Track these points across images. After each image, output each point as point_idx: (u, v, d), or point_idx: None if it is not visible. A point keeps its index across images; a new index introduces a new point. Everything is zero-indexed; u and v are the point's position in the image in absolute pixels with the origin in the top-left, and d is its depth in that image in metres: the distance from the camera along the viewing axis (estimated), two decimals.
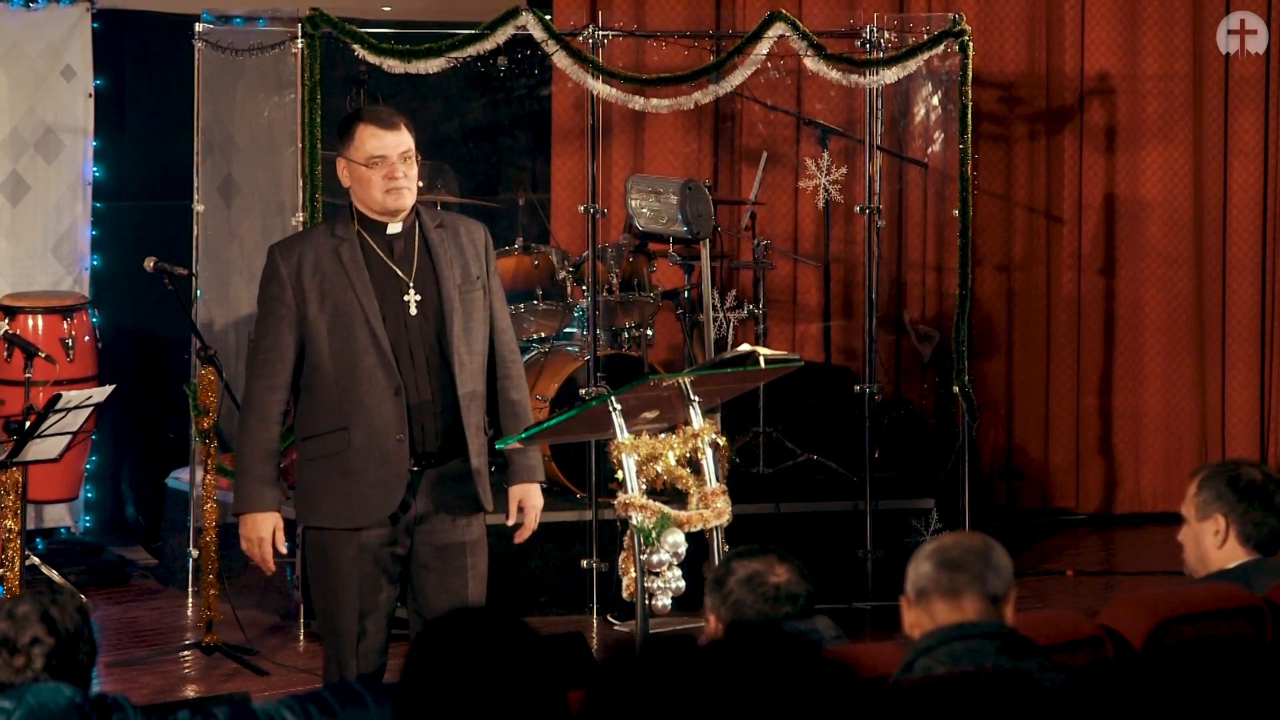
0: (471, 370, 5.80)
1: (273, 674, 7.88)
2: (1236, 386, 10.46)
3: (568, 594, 8.64)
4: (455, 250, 5.84)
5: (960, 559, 3.96)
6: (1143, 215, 10.48)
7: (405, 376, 5.73)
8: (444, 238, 5.85)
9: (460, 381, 5.76)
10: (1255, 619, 4.63)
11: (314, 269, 5.76)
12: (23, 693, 3.80)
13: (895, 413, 9.98)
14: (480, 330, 5.84)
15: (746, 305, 9.48)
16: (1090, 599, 8.87)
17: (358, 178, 5.79)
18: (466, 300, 5.81)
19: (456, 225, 5.91)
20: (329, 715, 3.84)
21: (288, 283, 5.76)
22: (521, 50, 8.92)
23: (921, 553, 4.01)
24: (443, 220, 5.91)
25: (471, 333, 5.82)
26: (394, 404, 5.71)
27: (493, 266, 5.93)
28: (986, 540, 4.02)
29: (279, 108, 8.89)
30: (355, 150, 5.78)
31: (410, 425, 5.73)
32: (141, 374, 9.98)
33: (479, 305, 5.84)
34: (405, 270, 5.80)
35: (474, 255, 5.87)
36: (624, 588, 5.83)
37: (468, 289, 5.82)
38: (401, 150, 5.77)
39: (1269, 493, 4.92)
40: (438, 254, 5.81)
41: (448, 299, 5.78)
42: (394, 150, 5.76)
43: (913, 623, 3.99)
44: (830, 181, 9.40)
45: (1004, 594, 3.95)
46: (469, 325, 5.81)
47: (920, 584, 3.97)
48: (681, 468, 5.86)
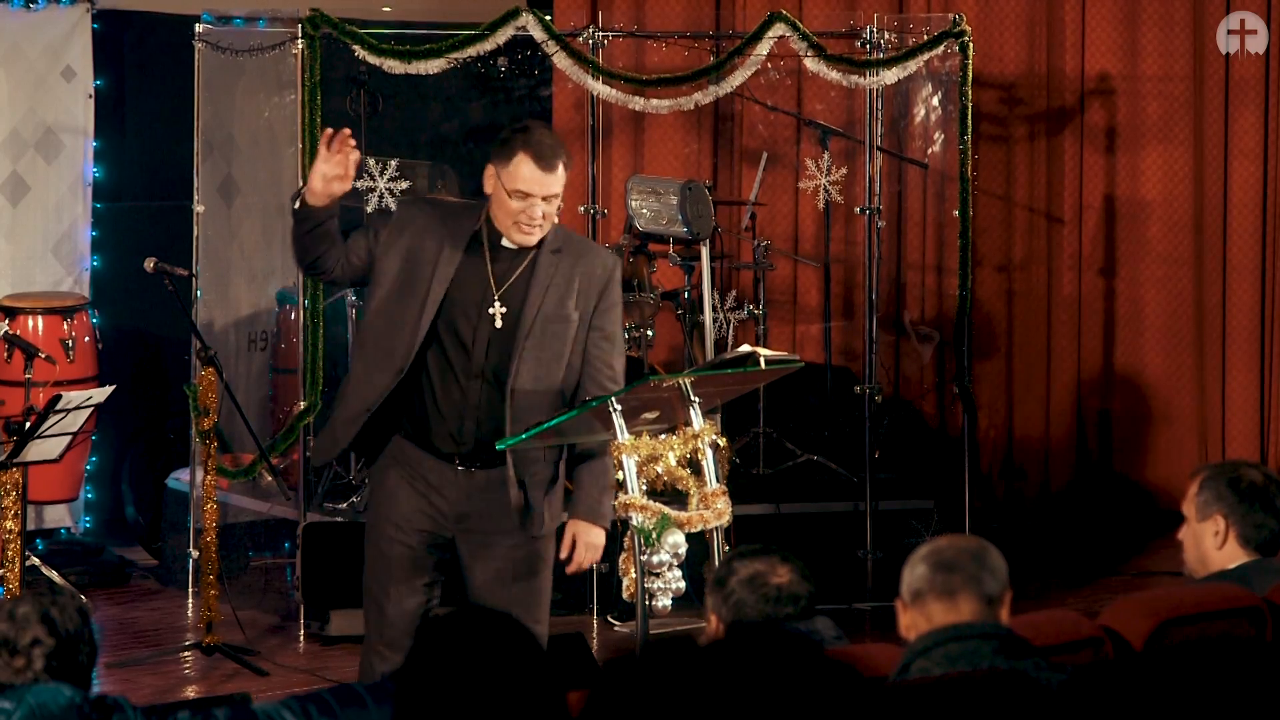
0: (533, 401, 5.77)
1: (273, 674, 7.88)
2: (1236, 386, 10.46)
3: (568, 594, 8.63)
4: (563, 279, 5.79)
5: (955, 560, 3.96)
6: (1143, 216, 10.49)
7: (460, 377, 5.76)
8: (555, 263, 5.78)
9: (511, 406, 5.75)
10: (1255, 619, 4.63)
11: (415, 233, 5.78)
12: (23, 693, 3.81)
13: (895, 413, 9.98)
14: (557, 369, 5.79)
15: (747, 306, 9.48)
16: (1091, 599, 8.87)
17: (498, 198, 5.73)
18: (547, 334, 5.78)
19: (580, 254, 5.82)
20: (329, 715, 3.84)
21: (383, 234, 5.79)
22: (521, 51, 8.92)
23: (916, 555, 4.01)
24: (564, 245, 5.81)
25: (545, 364, 5.78)
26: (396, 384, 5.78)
27: (606, 304, 5.82)
28: (981, 542, 4.03)
29: (279, 108, 8.89)
30: (507, 174, 5.70)
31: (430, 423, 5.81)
32: (141, 374, 9.98)
33: (563, 339, 5.79)
34: (499, 283, 5.78)
35: (584, 289, 5.79)
36: (624, 588, 5.83)
37: (555, 323, 5.78)
38: (549, 193, 5.71)
39: (1270, 494, 4.92)
40: (539, 278, 5.77)
41: (523, 327, 5.76)
42: (541, 191, 5.70)
43: (908, 625, 3.99)
44: (830, 182, 9.40)
45: (999, 595, 3.96)
46: (542, 356, 5.78)
47: (915, 586, 3.97)
48: (682, 468, 5.85)
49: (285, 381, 9.23)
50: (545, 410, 5.77)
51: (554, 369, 5.80)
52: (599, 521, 5.93)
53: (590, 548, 5.92)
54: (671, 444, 5.85)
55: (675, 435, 5.88)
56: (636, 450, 5.77)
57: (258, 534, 9.21)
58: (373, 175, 8.69)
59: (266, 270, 9.50)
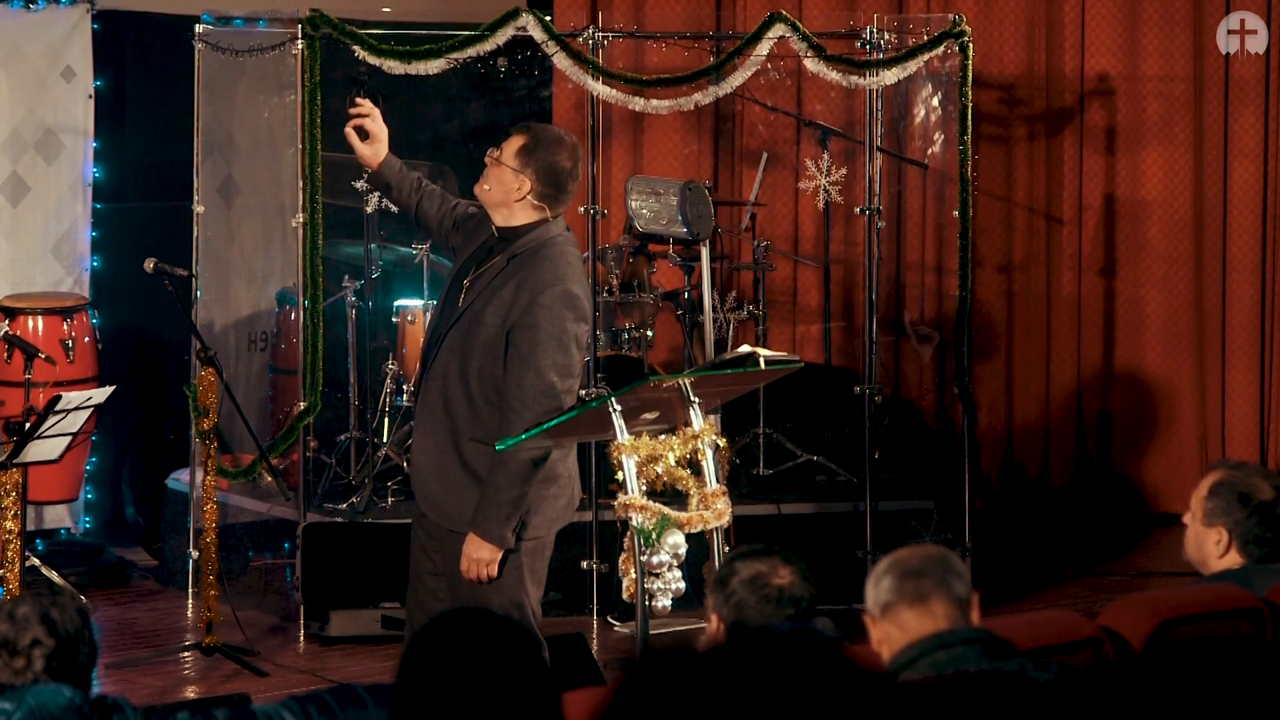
0: (440, 391, 5.87)
1: (273, 675, 7.88)
2: (1236, 386, 10.46)
3: (568, 595, 8.64)
4: (497, 286, 5.86)
5: (920, 567, 3.96)
6: (1143, 216, 10.49)
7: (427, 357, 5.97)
8: (502, 268, 5.87)
9: (424, 393, 5.92)
10: (1255, 620, 4.63)
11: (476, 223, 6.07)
12: (23, 694, 3.80)
13: (895, 414, 9.98)
14: (470, 367, 5.85)
15: (747, 306, 9.48)
16: (1091, 600, 8.87)
17: None
18: (470, 333, 5.85)
19: (525, 268, 5.87)
20: (329, 716, 3.84)
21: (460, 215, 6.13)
22: (521, 51, 8.91)
23: (878, 570, 3.99)
24: (522, 258, 5.88)
25: (460, 358, 5.86)
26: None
27: (526, 322, 5.80)
28: (941, 549, 4.03)
29: (279, 109, 8.89)
30: None
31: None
32: (141, 374, 9.97)
33: (479, 344, 5.84)
34: (477, 270, 5.93)
35: (509, 303, 5.83)
36: (624, 589, 5.83)
37: (476, 324, 5.84)
38: (502, 144, 5.97)
39: (1277, 513, 4.93)
40: (483, 277, 5.89)
41: (457, 316, 5.88)
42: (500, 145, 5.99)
43: (880, 639, 3.97)
44: (830, 182, 9.40)
45: (968, 597, 3.96)
46: (464, 351, 5.86)
47: (883, 598, 3.96)
48: (682, 469, 5.86)
49: (285, 382, 9.22)
50: (451, 406, 5.87)
51: (465, 367, 5.86)
52: (481, 532, 5.83)
53: (470, 560, 5.85)
54: (671, 444, 5.85)
55: (675, 435, 5.88)
56: (636, 450, 5.77)
57: (258, 534, 9.20)
58: None
59: (266, 271, 9.50)
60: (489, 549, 5.84)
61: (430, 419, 5.93)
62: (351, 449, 9.09)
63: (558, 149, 5.93)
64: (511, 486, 5.82)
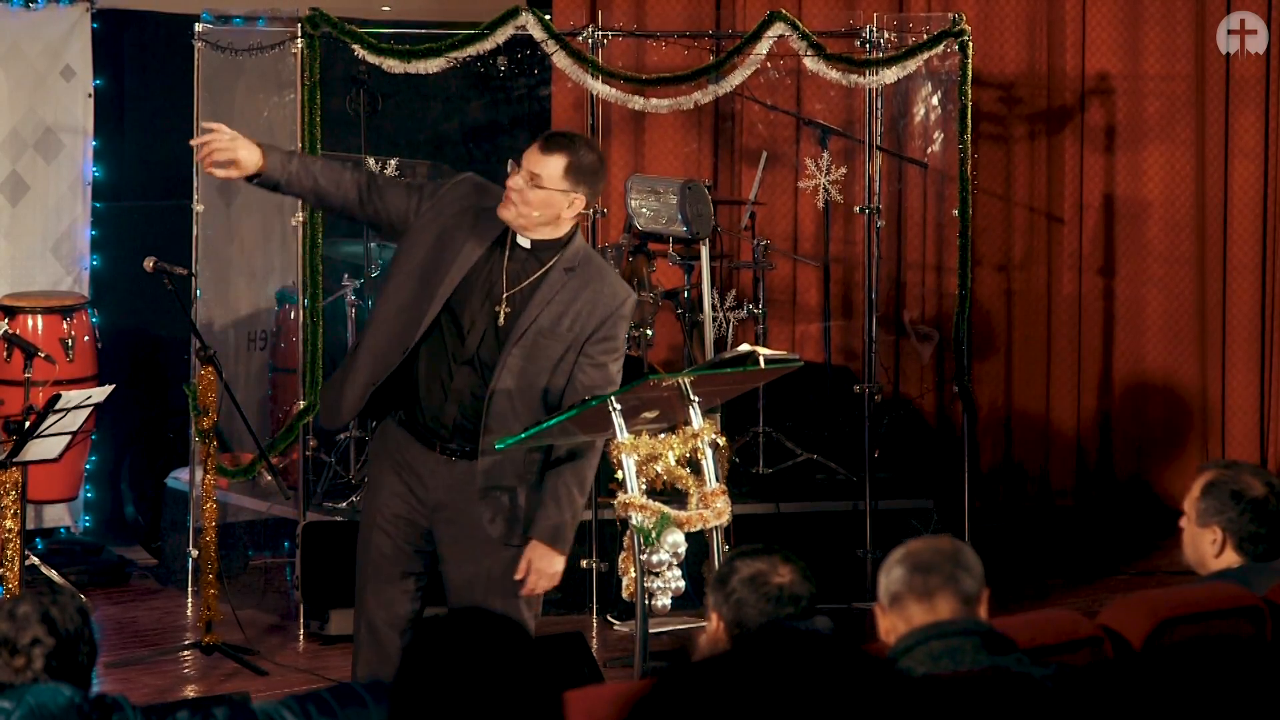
0: (509, 407, 5.77)
1: (272, 674, 7.88)
2: (1236, 386, 10.46)
3: (567, 594, 8.64)
4: (567, 297, 5.79)
5: (931, 561, 3.97)
6: (1143, 215, 10.49)
7: (451, 361, 5.81)
8: (564, 280, 5.79)
9: (489, 408, 5.77)
10: (1255, 619, 4.63)
11: (454, 215, 5.85)
12: (23, 693, 3.80)
13: (895, 413, 9.98)
14: (540, 381, 5.78)
15: (746, 305, 9.48)
16: (1091, 599, 8.87)
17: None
18: (537, 346, 5.77)
19: (591, 278, 5.81)
20: (328, 715, 3.84)
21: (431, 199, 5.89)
22: (521, 50, 8.91)
23: (892, 559, 4.02)
24: (580, 266, 5.82)
25: (528, 375, 5.77)
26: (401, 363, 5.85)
27: (603, 334, 5.78)
28: (955, 542, 4.04)
29: (279, 108, 8.89)
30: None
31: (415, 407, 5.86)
32: (141, 374, 9.97)
33: (550, 358, 5.78)
34: (510, 283, 5.81)
35: (584, 313, 5.78)
36: (624, 588, 5.83)
37: (547, 338, 5.77)
38: (531, 169, 5.77)
39: (1270, 509, 4.93)
40: (544, 289, 5.78)
41: (516, 331, 5.77)
42: (527, 164, 5.79)
43: (888, 629, 4.00)
44: (830, 181, 9.39)
45: (977, 594, 3.97)
46: (527, 367, 5.77)
47: (893, 589, 3.98)
48: (681, 468, 5.85)
49: (285, 381, 9.23)
50: (520, 419, 5.76)
51: (536, 382, 5.79)
52: (558, 546, 5.85)
53: (544, 575, 5.85)
54: (671, 443, 5.85)
55: (675, 435, 5.88)
56: (636, 450, 5.77)
57: (257, 533, 9.20)
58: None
59: (266, 270, 9.49)
60: (561, 562, 5.86)
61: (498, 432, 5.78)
62: (351, 448, 9.09)
63: (590, 153, 5.86)
64: (583, 501, 5.87)
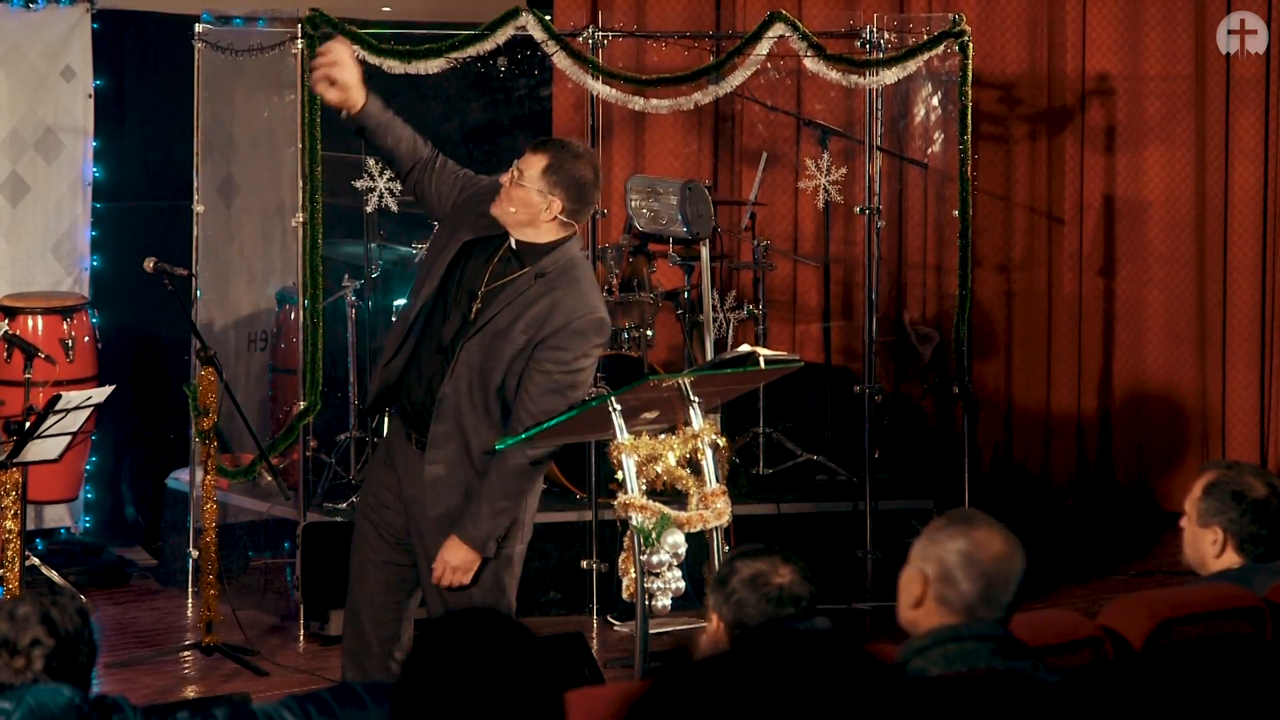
0: (455, 405, 5.79)
1: (272, 674, 7.88)
2: (1236, 386, 10.46)
3: (568, 594, 8.64)
4: (527, 301, 5.79)
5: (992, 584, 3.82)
6: (1143, 215, 10.49)
7: (428, 348, 5.86)
8: (530, 284, 5.80)
9: (437, 406, 5.81)
10: (1255, 619, 4.63)
11: (470, 210, 5.96)
12: (23, 694, 3.80)
13: (895, 413, 9.98)
14: (493, 379, 5.78)
15: (746, 306, 9.48)
16: (1091, 600, 8.87)
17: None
18: (493, 346, 5.78)
19: (558, 287, 5.80)
20: (328, 715, 3.84)
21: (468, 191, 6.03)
22: (521, 51, 8.91)
23: (955, 543, 3.87)
24: (552, 275, 5.81)
25: (479, 374, 5.78)
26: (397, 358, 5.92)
27: (554, 342, 5.76)
28: (1016, 555, 3.88)
29: (279, 108, 8.89)
30: None
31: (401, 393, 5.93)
32: (141, 374, 9.97)
33: (502, 359, 5.78)
34: (490, 281, 5.85)
35: (539, 319, 5.77)
36: (624, 588, 5.83)
37: (500, 339, 5.78)
38: (517, 165, 5.86)
39: (1271, 510, 4.93)
40: (509, 290, 5.80)
41: (475, 327, 5.80)
42: (517, 160, 5.89)
43: (919, 596, 3.92)
44: (830, 182, 9.39)
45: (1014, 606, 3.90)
46: (483, 365, 5.78)
47: (948, 576, 3.88)
48: (681, 468, 5.86)
49: (285, 381, 9.23)
50: (466, 414, 5.78)
51: (489, 379, 5.79)
52: (464, 537, 5.78)
53: (448, 566, 5.79)
54: (671, 444, 5.85)
55: (675, 435, 5.88)
56: (636, 450, 5.77)
57: (257, 534, 9.20)
58: (373, 175, 8.69)
59: (266, 270, 9.49)
60: (467, 554, 5.78)
61: (443, 431, 5.83)
62: (351, 448, 9.09)
63: (580, 163, 5.85)
64: (506, 495, 5.80)
